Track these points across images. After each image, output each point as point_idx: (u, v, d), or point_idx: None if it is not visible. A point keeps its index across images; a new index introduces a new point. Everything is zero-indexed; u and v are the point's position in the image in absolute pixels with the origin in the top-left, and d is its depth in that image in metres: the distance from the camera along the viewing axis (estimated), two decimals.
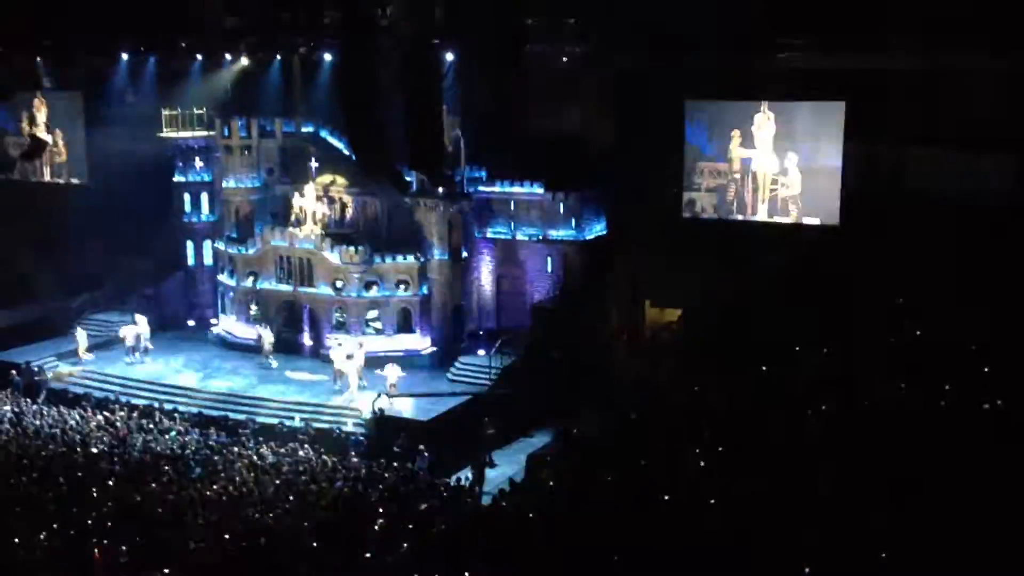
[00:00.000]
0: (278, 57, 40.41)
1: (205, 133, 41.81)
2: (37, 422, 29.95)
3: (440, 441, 29.36)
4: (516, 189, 37.94)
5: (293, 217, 39.28)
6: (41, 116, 44.23)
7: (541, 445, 29.51)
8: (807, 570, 13.62)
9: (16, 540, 20.80)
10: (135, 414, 31.01)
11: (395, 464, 27.56)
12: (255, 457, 27.29)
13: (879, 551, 13.83)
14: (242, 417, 31.58)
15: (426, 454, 28.30)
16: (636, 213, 34.74)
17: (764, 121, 32.78)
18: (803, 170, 32.44)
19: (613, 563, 15.04)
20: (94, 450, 27.25)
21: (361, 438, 30.47)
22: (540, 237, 37.79)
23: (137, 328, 38.22)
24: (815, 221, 32.33)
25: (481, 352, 35.41)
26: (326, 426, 31.23)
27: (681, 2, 30.25)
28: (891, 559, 13.69)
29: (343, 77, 35.93)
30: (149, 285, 42.80)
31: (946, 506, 14.69)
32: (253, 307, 39.60)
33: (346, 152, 39.19)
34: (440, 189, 36.82)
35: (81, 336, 38.41)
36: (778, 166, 32.72)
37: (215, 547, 20.94)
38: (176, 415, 31.30)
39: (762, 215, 33.36)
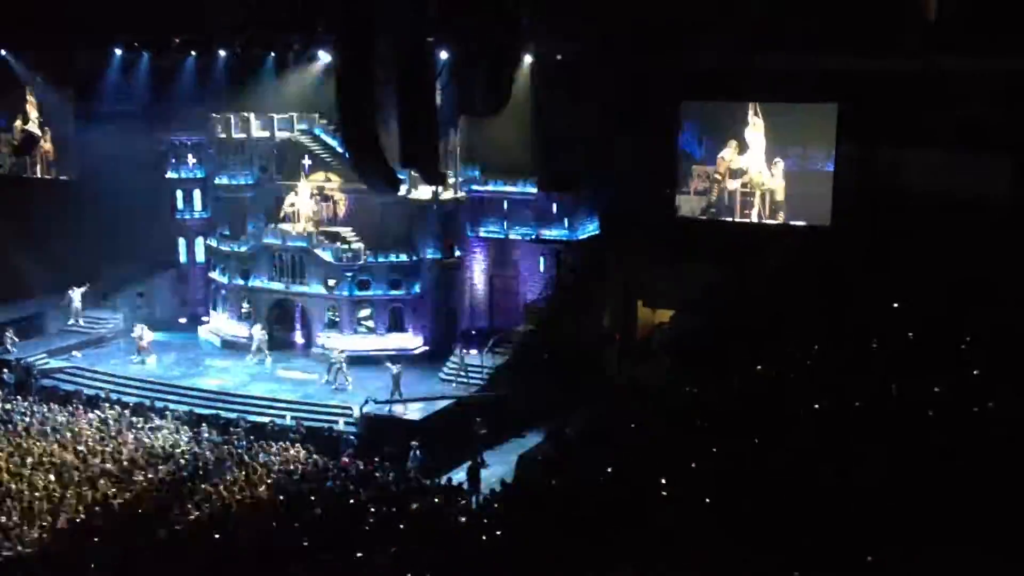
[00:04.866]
0: (272, 54, 40.28)
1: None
2: (27, 419, 29.86)
3: (432, 440, 29.31)
4: (510, 188, 37.88)
5: (284, 214, 39.20)
6: (33, 112, 44.11)
7: (532, 445, 29.47)
8: (796, 573, 13.63)
9: (7, 538, 20.80)
10: (126, 412, 30.95)
11: (387, 463, 27.54)
12: (246, 456, 27.24)
13: (870, 552, 13.86)
14: (233, 415, 31.48)
15: (418, 453, 28.26)
16: (629, 214, 34.74)
17: (755, 125, 32.82)
18: (794, 173, 32.47)
19: (606, 561, 15.05)
20: (84, 448, 27.18)
21: (352, 437, 30.41)
22: (533, 237, 37.71)
23: (143, 330, 38.06)
24: (803, 224, 32.36)
25: (473, 351, 35.34)
26: (317, 425, 31.16)
27: (676, 3, 30.26)
28: (880, 560, 13.72)
29: (338, 74, 35.78)
30: (141, 282, 42.67)
31: (938, 507, 14.71)
32: (245, 305, 39.51)
33: (339, 150, 39.07)
34: (433, 188, 36.75)
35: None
36: (768, 169, 32.78)
37: (205, 545, 20.92)
38: (167, 413, 31.21)
39: (751, 217, 33.39)
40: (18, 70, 43.39)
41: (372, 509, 23.21)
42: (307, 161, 39.52)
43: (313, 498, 23.86)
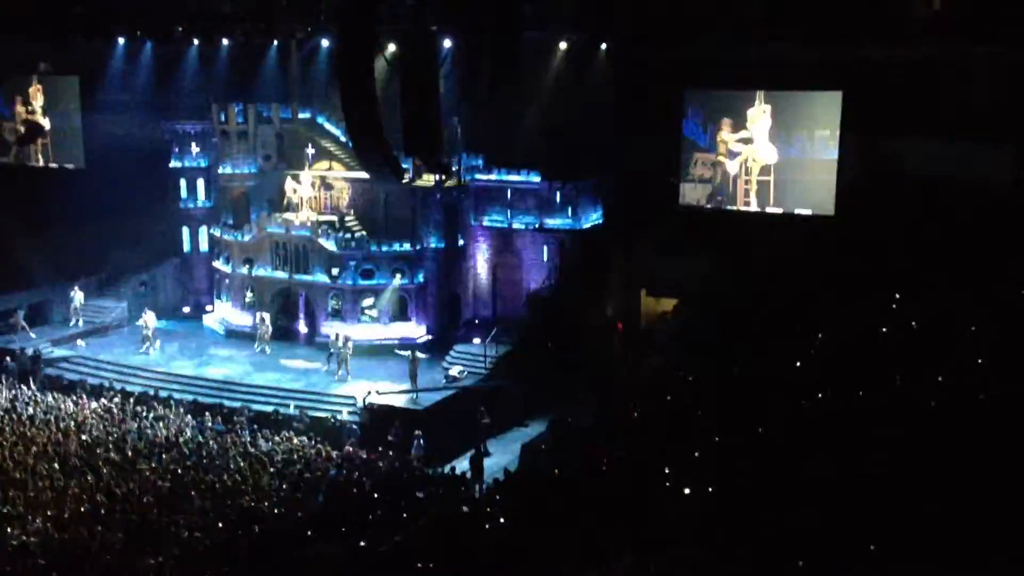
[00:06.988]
0: (275, 42, 40.23)
1: None
2: (31, 409, 29.91)
3: (435, 430, 29.35)
4: (513, 177, 37.88)
5: (286, 202, 39.20)
6: (37, 101, 44.03)
7: (536, 434, 29.52)
8: (800, 563, 13.62)
9: (10, 528, 20.85)
10: (130, 401, 31.00)
11: (390, 452, 27.59)
12: (250, 445, 27.28)
13: (871, 542, 13.85)
14: (237, 405, 31.54)
15: (421, 442, 28.30)
16: (632, 202, 34.68)
17: (759, 112, 32.64)
18: (799, 161, 32.31)
19: (606, 553, 15.07)
20: (88, 437, 27.23)
21: (356, 426, 30.46)
22: (536, 226, 37.74)
23: (150, 319, 38.02)
24: (807, 212, 32.22)
25: (476, 340, 35.37)
26: (321, 414, 31.21)
27: None
28: (881, 551, 13.71)
29: (340, 62, 35.75)
30: (145, 271, 42.72)
31: (942, 498, 14.69)
32: (249, 294, 39.54)
33: (343, 139, 39.07)
34: (437, 177, 36.72)
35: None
36: (774, 157, 32.60)
37: (209, 535, 20.97)
38: (171, 402, 31.26)
39: (754, 206, 33.23)
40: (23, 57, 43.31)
41: (376, 498, 23.28)
42: (310, 150, 39.52)
43: (317, 487, 23.93)
